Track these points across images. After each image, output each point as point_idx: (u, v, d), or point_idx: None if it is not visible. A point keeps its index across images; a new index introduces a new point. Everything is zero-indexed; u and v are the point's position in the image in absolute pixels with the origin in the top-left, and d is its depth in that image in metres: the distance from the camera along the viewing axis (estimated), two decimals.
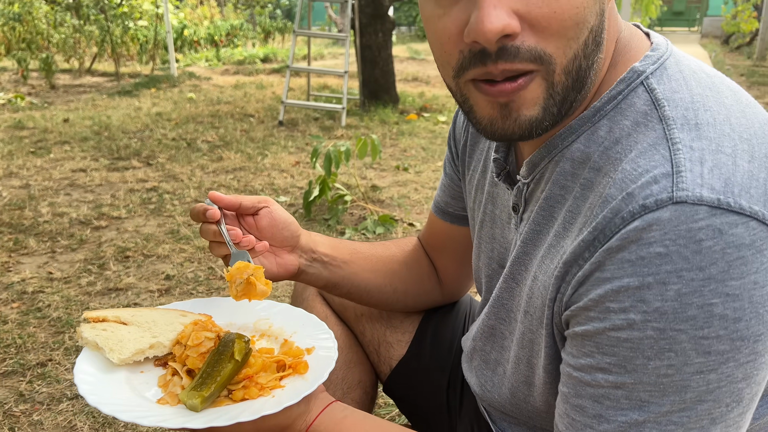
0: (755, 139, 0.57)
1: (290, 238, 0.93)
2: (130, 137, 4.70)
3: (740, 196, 0.52)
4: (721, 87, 0.62)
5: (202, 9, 13.26)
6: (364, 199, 3.22)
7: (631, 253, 0.54)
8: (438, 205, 1.04)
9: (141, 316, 0.86)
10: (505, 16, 0.54)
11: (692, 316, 0.52)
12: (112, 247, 2.65)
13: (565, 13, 0.56)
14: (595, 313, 0.57)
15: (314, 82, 7.60)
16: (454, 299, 1.15)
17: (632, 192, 0.55)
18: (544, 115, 0.60)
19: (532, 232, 0.71)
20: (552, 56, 0.57)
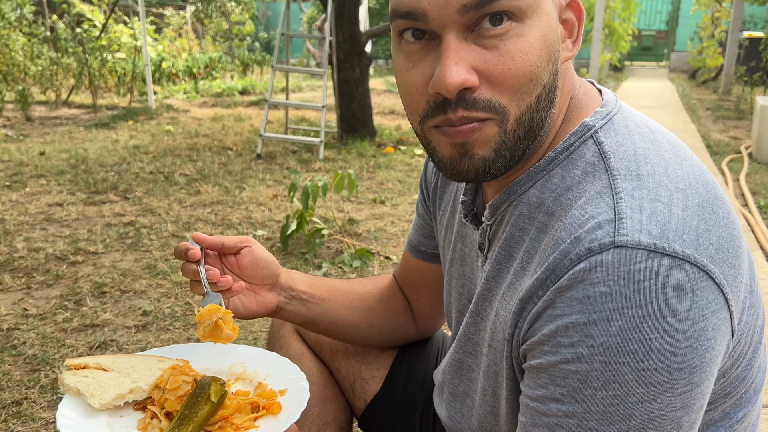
0: (689, 190, 0.63)
1: (270, 276, 0.97)
2: (108, 170, 4.70)
3: (674, 241, 0.58)
4: (662, 141, 0.69)
5: (180, 41, 13.34)
6: (341, 233, 3.26)
7: (579, 292, 0.59)
8: (411, 243, 1.09)
9: (121, 363, 0.89)
10: (464, 72, 0.62)
11: (633, 350, 0.58)
12: (88, 283, 2.64)
13: (519, 71, 0.63)
14: (548, 347, 0.62)
15: (292, 114, 7.67)
16: (427, 335, 1.19)
17: (579, 236, 0.61)
18: (496, 157, 0.66)
19: (494, 270, 0.76)
20: (506, 107, 0.64)
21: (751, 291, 0.70)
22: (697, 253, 0.59)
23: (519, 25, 0.63)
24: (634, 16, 14.26)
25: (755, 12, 12.58)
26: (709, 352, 0.60)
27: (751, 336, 0.70)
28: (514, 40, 0.63)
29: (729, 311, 0.62)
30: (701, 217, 0.62)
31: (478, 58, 0.63)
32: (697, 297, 0.58)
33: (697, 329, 0.58)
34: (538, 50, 0.64)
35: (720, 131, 6.89)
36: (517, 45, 0.63)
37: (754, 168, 4.93)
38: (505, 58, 0.63)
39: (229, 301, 0.93)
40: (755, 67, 10.40)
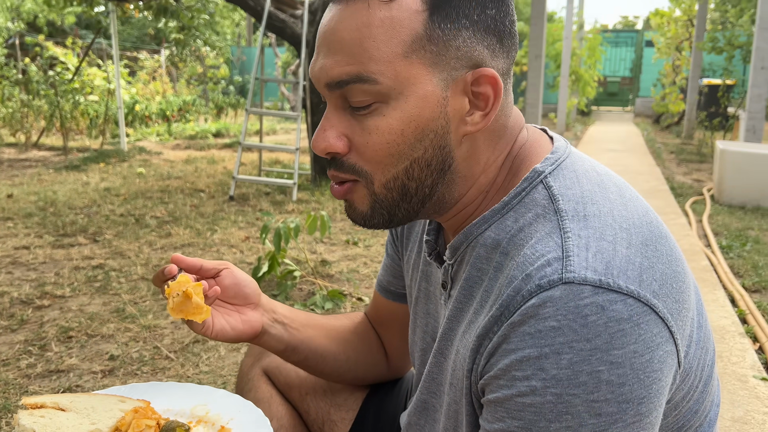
0: (633, 229, 0.67)
1: (253, 295, 0.97)
2: (77, 213, 4.65)
3: (618, 277, 0.62)
4: (608, 184, 0.74)
5: (154, 84, 13.39)
6: (313, 274, 3.26)
7: (531, 327, 0.62)
8: (381, 283, 1.11)
9: (80, 402, 0.87)
10: (331, 138, 0.72)
11: (583, 382, 0.60)
12: (54, 327, 2.59)
13: (376, 146, 0.71)
14: (503, 381, 0.64)
15: (266, 156, 7.71)
16: (399, 374, 1.20)
17: (530, 273, 0.64)
18: (372, 213, 0.75)
19: (455, 309, 0.79)
20: (370, 173, 0.72)
21: (699, 326, 0.73)
22: (640, 288, 0.62)
23: (383, 105, 0.69)
24: (599, 63, 14.78)
25: (713, 60, 13.12)
26: (655, 383, 0.62)
27: (701, 370, 0.73)
28: (375, 118, 0.70)
29: (675, 344, 0.65)
30: (644, 254, 0.65)
31: (348, 128, 0.72)
32: (642, 330, 0.61)
33: (643, 361, 0.61)
34: (398, 130, 0.69)
35: (683, 174, 7.11)
36: (376, 123, 0.70)
37: (716, 209, 5.08)
38: (364, 133, 0.70)
39: (214, 322, 0.92)
40: (715, 112, 10.80)
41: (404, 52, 0.68)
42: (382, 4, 0.68)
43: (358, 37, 0.68)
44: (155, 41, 18.66)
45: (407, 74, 0.68)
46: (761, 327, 2.60)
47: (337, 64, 0.69)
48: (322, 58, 0.71)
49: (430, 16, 0.68)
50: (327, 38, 0.70)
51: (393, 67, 0.68)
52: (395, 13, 0.68)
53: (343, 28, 0.68)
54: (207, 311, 0.85)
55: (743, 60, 9.35)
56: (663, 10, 12.56)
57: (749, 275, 3.38)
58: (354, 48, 0.68)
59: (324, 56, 0.70)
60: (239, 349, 2.42)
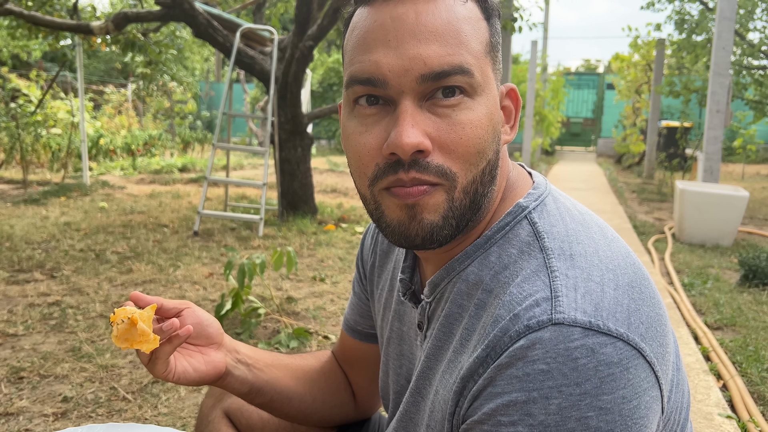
0: (619, 270, 0.66)
1: (216, 335, 0.93)
2: (34, 248, 4.50)
3: (608, 320, 0.60)
4: (590, 223, 0.73)
5: (120, 118, 13.24)
6: (278, 312, 3.20)
7: (519, 370, 0.60)
8: (348, 323, 1.08)
9: None
10: (420, 135, 0.65)
11: (572, 429, 0.58)
12: (4, 368, 2.47)
13: (469, 141, 0.66)
14: (488, 427, 0.62)
15: (232, 192, 7.63)
16: (366, 415, 1.16)
17: (518, 313, 0.62)
18: (443, 224, 0.68)
19: (434, 348, 0.76)
20: (456, 174, 0.67)
21: (677, 368, 0.72)
22: (629, 331, 0.61)
23: (469, 100, 0.67)
24: (562, 105, 15.17)
25: (671, 103, 13.60)
26: (642, 430, 0.61)
27: (678, 413, 0.72)
28: (465, 112, 0.66)
29: (660, 389, 0.63)
30: (631, 296, 0.64)
31: (431, 125, 0.66)
32: (630, 375, 0.59)
33: (631, 407, 0.59)
34: (486, 125, 0.68)
35: (645, 212, 7.26)
36: (467, 117, 0.66)
37: (677, 248, 5.18)
38: (456, 128, 0.66)
39: (176, 364, 0.87)
40: (673, 153, 11.14)
41: (485, 51, 0.69)
42: (459, 4, 0.68)
43: (453, 29, 0.66)
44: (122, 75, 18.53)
45: (487, 72, 0.69)
46: (724, 364, 2.63)
47: (435, 53, 0.65)
48: (410, 49, 0.65)
49: (488, 24, 0.70)
50: (410, 28, 0.65)
51: (480, 63, 0.68)
52: (471, 14, 0.69)
53: (433, 19, 0.65)
54: (155, 340, 0.79)
55: (699, 103, 9.71)
56: (623, 55, 13.03)
57: (711, 312, 3.43)
58: (451, 38, 0.66)
59: (414, 46, 0.65)
60: (200, 389, 2.34)
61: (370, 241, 1.03)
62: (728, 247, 5.20)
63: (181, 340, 0.84)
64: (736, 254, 4.68)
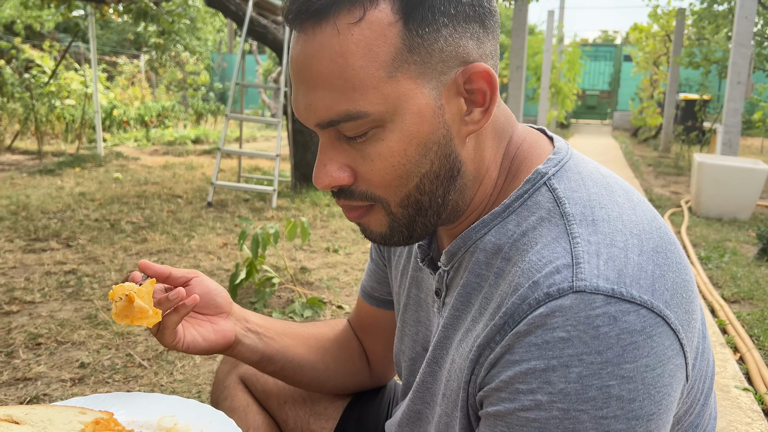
0: (644, 235, 0.64)
1: (224, 305, 0.92)
2: (50, 217, 4.54)
3: (631, 287, 0.58)
4: (614, 187, 0.70)
5: (133, 89, 13.23)
6: (292, 282, 3.20)
7: (538, 338, 0.58)
8: (365, 289, 1.07)
9: (35, 415, 0.81)
10: (335, 172, 0.67)
11: (592, 397, 0.56)
12: (22, 334, 2.50)
13: (382, 171, 0.66)
14: (505, 394, 0.60)
15: (246, 163, 7.63)
16: (381, 383, 1.15)
17: (538, 280, 0.60)
18: (391, 233, 0.71)
19: (451, 317, 0.74)
20: (383, 197, 0.68)
21: (703, 336, 0.70)
22: (653, 298, 0.59)
23: (379, 130, 0.64)
24: (578, 77, 14.95)
25: (690, 75, 13.35)
26: (665, 399, 0.59)
27: (702, 382, 0.70)
28: (374, 144, 0.65)
29: (684, 357, 0.61)
30: (656, 262, 0.62)
31: (348, 158, 0.67)
32: (654, 343, 0.58)
33: (654, 375, 0.58)
34: (401, 151, 0.65)
35: (661, 186, 7.18)
36: (376, 149, 0.65)
37: (694, 221, 5.13)
38: (366, 161, 0.66)
39: (185, 333, 0.87)
40: (691, 126, 10.97)
41: (387, 73, 0.63)
42: (351, 27, 0.61)
43: (336, 70, 0.62)
44: (135, 46, 18.48)
45: (396, 94, 0.63)
46: (741, 337, 2.61)
47: (322, 103, 0.64)
48: (303, 96, 0.65)
49: (405, 24, 0.62)
50: (302, 74, 0.64)
51: (379, 92, 0.63)
52: (367, 33, 0.62)
53: (317, 60, 0.63)
54: (156, 315, 0.79)
55: (719, 75, 9.51)
56: (642, 26, 12.77)
57: (728, 286, 3.39)
58: (334, 82, 0.62)
59: (305, 94, 0.65)
60: (215, 357, 2.35)
61: None
62: (746, 221, 5.14)
63: (187, 309, 0.84)
64: (754, 228, 4.62)
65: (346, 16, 0.62)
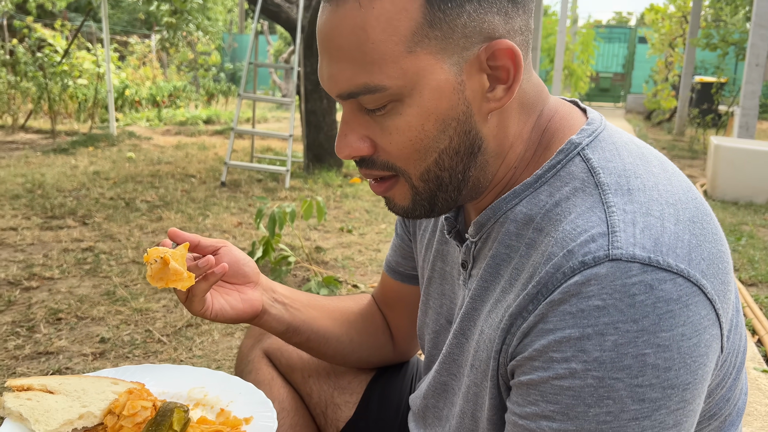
0: (679, 204, 0.63)
1: (252, 274, 0.93)
2: (65, 196, 4.56)
3: (668, 255, 0.58)
4: (649, 157, 0.69)
5: (144, 69, 13.22)
6: (308, 261, 3.21)
7: (572, 306, 0.58)
8: (389, 264, 1.07)
9: (69, 385, 0.82)
10: (354, 142, 0.68)
11: (628, 366, 0.56)
12: (42, 309, 2.53)
13: (400, 144, 0.67)
14: (539, 363, 0.60)
15: (258, 144, 7.63)
16: (405, 358, 1.16)
17: (572, 249, 0.60)
18: (414, 206, 0.72)
19: (480, 288, 0.74)
20: (404, 169, 0.69)
21: (737, 310, 0.70)
22: (690, 267, 0.58)
23: (398, 104, 0.65)
24: (592, 59, 14.78)
25: (705, 58, 13.17)
26: (701, 369, 0.59)
27: (735, 356, 0.70)
28: (392, 117, 0.66)
29: (720, 327, 0.61)
30: (692, 232, 0.61)
31: (368, 129, 0.68)
32: (690, 312, 0.57)
33: (691, 345, 0.57)
34: (419, 126, 0.65)
35: None
36: (395, 122, 0.66)
37: (710, 204, 5.07)
38: (385, 133, 0.67)
39: (213, 302, 0.88)
40: (707, 109, 10.84)
41: (407, 48, 0.62)
42: (372, 0, 0.62)
43: (356, 43, 0.62)
44: (146, 26, 18.43)
45: (415, 69, 0.63)
46: (759, 320, 2.60)
47: (343, 75, 0.65)
48: (326, 67, 0.67)
49: (425, 1, 0.62)
50: (326, 44, 0.66)
51: (398, 66, 0.63)
52: (388, 7, 0.62)
53: (339, 33, 0.64)
54: (190, 278, 0.79)
55: (736, 57, 9.38)
56: (658, 6, 12.58)
57: (745, 269, 3.38)
58: (354, 54, 0.63)
59: (328, 65, 0.66)
60: (233, 333, 2.38)
61: None
62: (762, 204, 5.09)
63: (216, 277, 0.84)
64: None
65: None
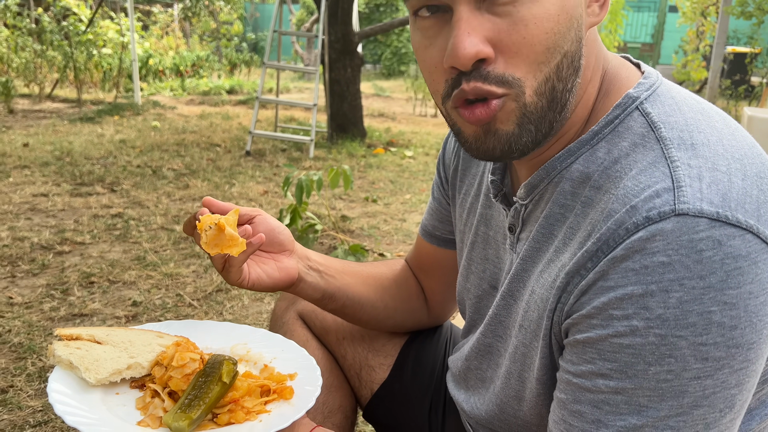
0: (746, 159, 0.61)
1: (287, 242, 0.93)
2: (93, 163, 4.62)
3: (737, 211, 0.56)
4: (710, 112, 0.67)
5: (167, 39, 13.22)
6: (334, 229, 3.23)
7: (635, 263, 0.57)
8: (425, 228, 1.06)
9: (116, 336, 0.84)
10: (478, 43, 0.60)
11: (692, 323, 0.55)
12: (75, 273, 2.58)
13: (535, 39, 0.60)
14: (597, 321, 0.59)
15: (281, 114, 7.62)
16: (439, 322, 1.16)
17: (636, 205, 0.58)
18: (520, 131, 0.64)
19: (531, 250, 0.73)
20: (521, 80, 0.62)
21: None
22: (759, 223, 0.57)
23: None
24: (620, 28, 14.42)
25: (738, 27, 12.78)
26: (766, 328, 0.57)
27: None
28: (528, 5, 0.60)
29: None
30: (760, 187, 0.60)
31: (492, 28, 0.61)
32: (759, 269, 0.56)
33: (758, 303, 0.56)
34: (555, 15, 0.61)
35: None
36: (531, 11, 0.60)
37: None
38: (518, 26, 0.60)
39: (250, 271, 0.88)
40: (740, 80, 10.56)
41: None
42: None
43: None
44: None
45: None
46: None
47: None
48: None
49: None
50: None
51: None
52: None
53: None
54: (242, 243, 0.79)
55: None
56: None
57: None
58: None
59: None
60: (263, 298, 2.40)
61: (453, 144, 0.99)
62: None
63: (254, 247, 0.84)
64: None
65: None
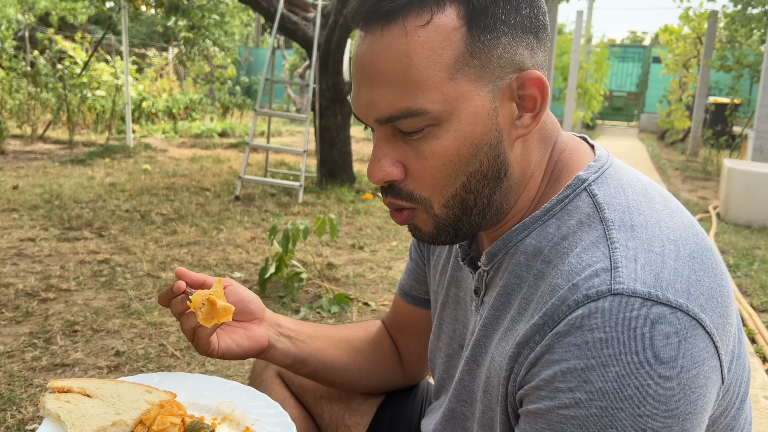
0: (681, 241, 0.66)
1: (257, 311, 0.95)
2: (82, 207, 4.64)
3: (667, 290, 0.61)
4: (653, 194, 0.73)
5: (161, 82, 13.40)
6: (319, 277, 3.25)
7: (577, 338, 0.61)
8: (403, 288, 1.09)
9: (106, 389, 0.86)
10: (386, 167, 0.71)
11: (630, 396, 0.59)
12: (59, 321, 2.57)
13: (434, 170, 0.70)
14: (545, 392, 0.63)
15: (271, 158, 7.70)
16: (414, 382, 1.18)
17: (577, 283, 0.63)
18: (438, 233, 0.74)
19: (491, 317, 0.77)
20: (427, 198, 0.72)
21: (739, 341, 0.72)
22: (688, 302, 0.61)
23: (436, 128, 0.68)
24: (606, 78, 14.78)
25: (720, 79, 13.14)
26: (701, 399, 0.61)
27: (738, 386, 0.72)
28: (429, 141, 0.68)
29: (719, 359, 0.63)
30: (692, 267, 0.64)
31: (401, 154, 0.71)
32: (689, 344, 0.60)
33: (690, 376, 0.60)
34: (455, 149, 0.68)
35: (689, 191, 7.10)
36: (431, 146, 0.68)
37: (722, 228, 5.07)
38: (420, 158, 0.69)
39: (219, 341, 0.91)
40: (721, 131, 10.81)
41: (449, 75, 0.66)
42: (418, 29, 0.65)
43: (401, 68, 0.66)
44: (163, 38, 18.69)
45: (455, 94, 0.67)
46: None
47: (384, 99, 0.67)
48: (366, 93, 0.69)
49: (469, 30, 0.66)
50: (367, 71, 0.68)
51: (440, 91, 0.67)
52: (433, 36, 0.66)
53: (383, 59, 0.67)
54: (232, 309, 0.84)
55: (750, 79, 9.37)
56: (672, 27, 12.60)
57: (757, 295, 3.36)
58: (398, 79, 0.66)
59: (368, 90, 0.69)
60: None
61: None
62: None
63: None
64: None
65: (415, 19, 0.66)
